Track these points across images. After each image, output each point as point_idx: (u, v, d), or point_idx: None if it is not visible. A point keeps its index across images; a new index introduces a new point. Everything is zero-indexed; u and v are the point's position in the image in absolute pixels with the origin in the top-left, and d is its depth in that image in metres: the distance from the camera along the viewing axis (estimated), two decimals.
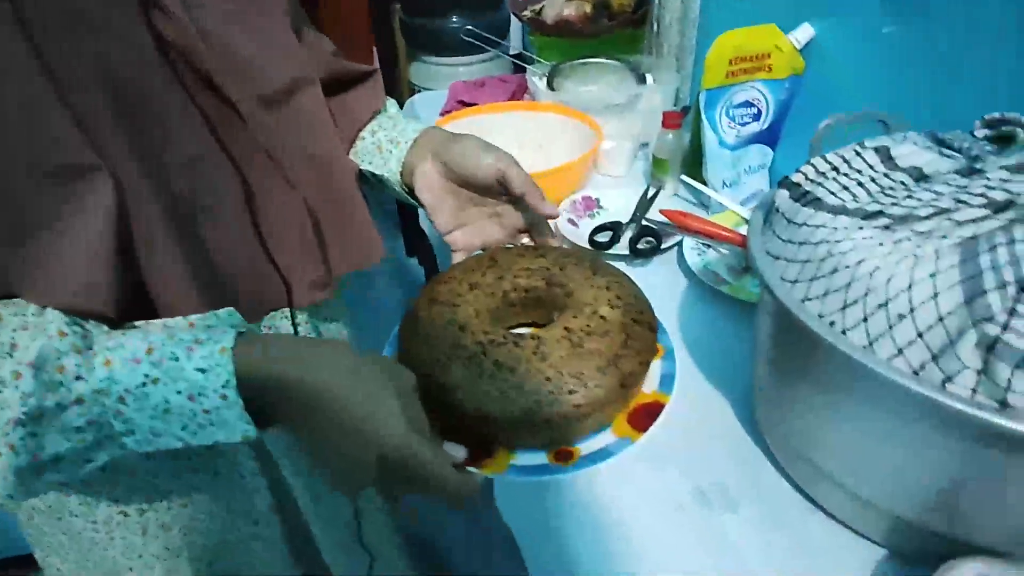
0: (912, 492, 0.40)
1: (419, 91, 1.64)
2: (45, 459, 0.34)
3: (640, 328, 0.48)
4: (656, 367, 0.51)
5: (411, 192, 0.60)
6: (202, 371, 0.36)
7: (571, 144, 0.98)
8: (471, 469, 0.43)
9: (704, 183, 0.88)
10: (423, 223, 1.08)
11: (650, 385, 0.50)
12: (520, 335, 0.46)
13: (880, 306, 0.35)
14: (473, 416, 0.43)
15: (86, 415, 0.35)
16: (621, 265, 0.80)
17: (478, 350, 0.45)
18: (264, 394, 0.37)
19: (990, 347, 0.31)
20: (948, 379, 0.32)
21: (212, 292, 0.45)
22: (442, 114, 1.21)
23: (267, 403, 0.38)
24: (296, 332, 0.55)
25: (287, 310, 0.53)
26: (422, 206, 0.60)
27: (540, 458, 0.45)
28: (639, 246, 0.78)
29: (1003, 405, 0.31)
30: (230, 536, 0.57)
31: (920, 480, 0.38)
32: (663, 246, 0.79)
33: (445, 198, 0.59)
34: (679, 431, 0.52)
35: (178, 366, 0.36)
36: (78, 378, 0.34)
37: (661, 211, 0.81)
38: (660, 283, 0.76)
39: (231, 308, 0.44)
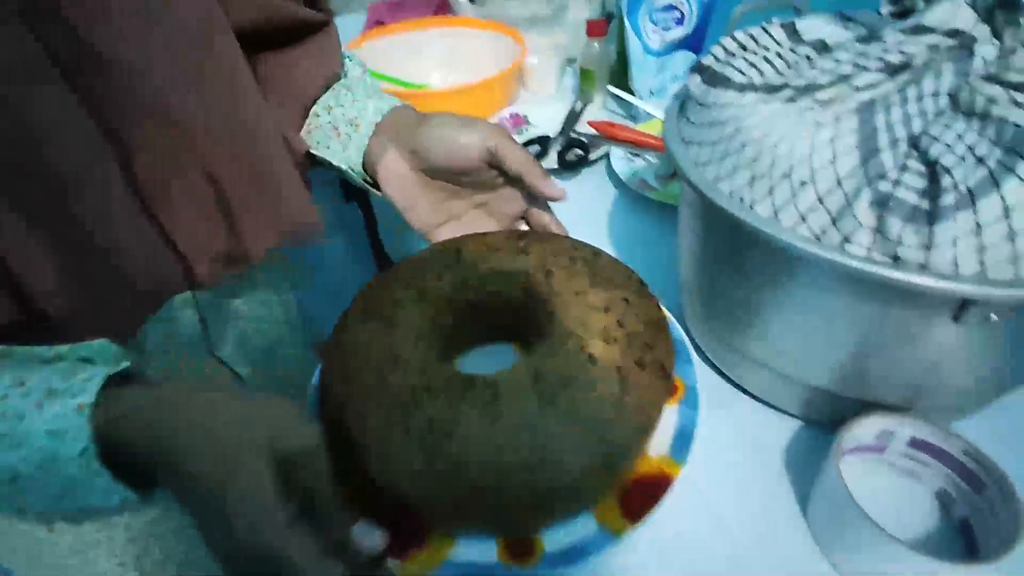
0: (821, 359, 0.42)
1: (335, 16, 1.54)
2: None
3: (647, 375, 0.33)
4: (670, 416, 0.36)
5: (377, 185, 0.50)
6: (53, 434, 0.29)
7: (496, 60, 0.94)
8: (391, 563, 0.31)
9: (631, 93, 0.87)
10: None
11: (657, 444, 0.35)
12: (470, 379, 0.33)
13: (784, 176, 0.35)
14: (391, 495, 0.32)
15: None
16: None
17: (407, 398, 0.32)
18: (135, 455, 0.31)
19: (883, 204, 0.32)
20: (846, 240, 0.33)
21: (96, 276, 0.38)
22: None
23: (141, 463, 0.31)
24: (201, 319, 0.47)
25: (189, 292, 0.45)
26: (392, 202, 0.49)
27: (488, 551, 0.32)
28: (567, 158, 0.77)
29: (895, 260, 0.32)
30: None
31: (828, 346, 0.40)
32: (591, 157, 0.78)
33: (419, 194, 0.48)
34: None
35: (24, 427, 0.29)
36: None
37: (589, 123, 0.80)
38: (590, 194, 0.76)
39: (104, 340, 0.35)
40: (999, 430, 0.45)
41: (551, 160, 0.78)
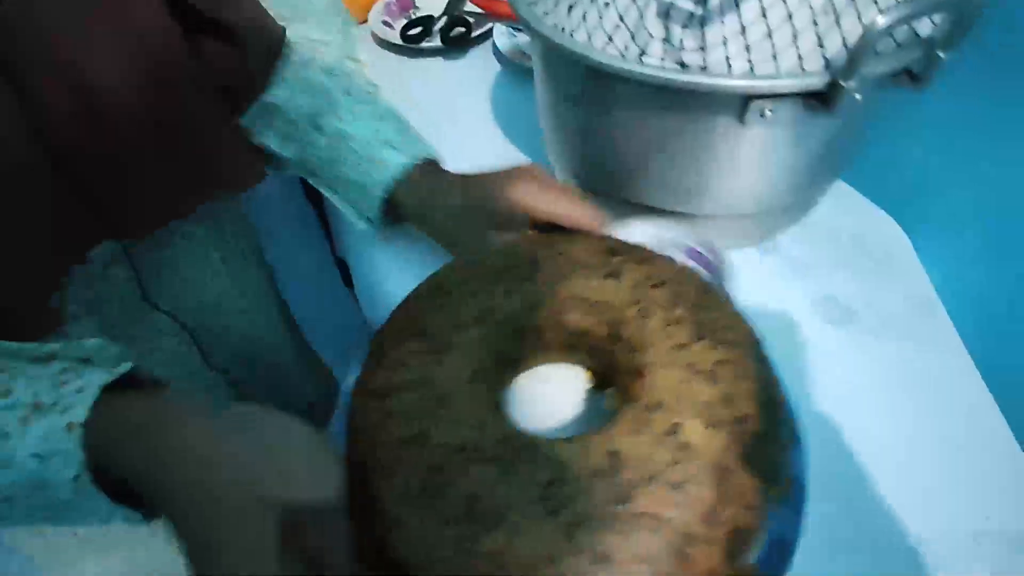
0: (652, 177, 0.47)
1: None
2: None
3: (753, 479, 0.25)
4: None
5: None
6: (40, 458, 0.26)
7: None
8: None
9: None
10: None
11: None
12: (530, 446, 0.26)
13: (592, 1, 0.39)
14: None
15: None
16: (436, 60, 0.81)
17: (447, 461, 0.26)
18: (134, 483, 0.28)
19: (666, 14, 0.36)
20: (643, 53, 0.37)
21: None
22: None
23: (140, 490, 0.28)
24: (134, 272, 0.46)
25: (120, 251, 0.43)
26: None
27: None
28: (451, 35, 0.78)
29: (682, 66, 0.37)
30: None
31: (652, 162, 0.46)
32: (474, 34, 0.79)
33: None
34: None
35: (9, 448, 0.27)
36: None
37: (471, 0, 0.81)
38: (475, 74, 0.78)
39: (101, 340, 0.31)
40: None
41: (435, 40, 0.79)
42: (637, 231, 0.44)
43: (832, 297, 0.50)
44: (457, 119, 0.71)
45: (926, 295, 0.49)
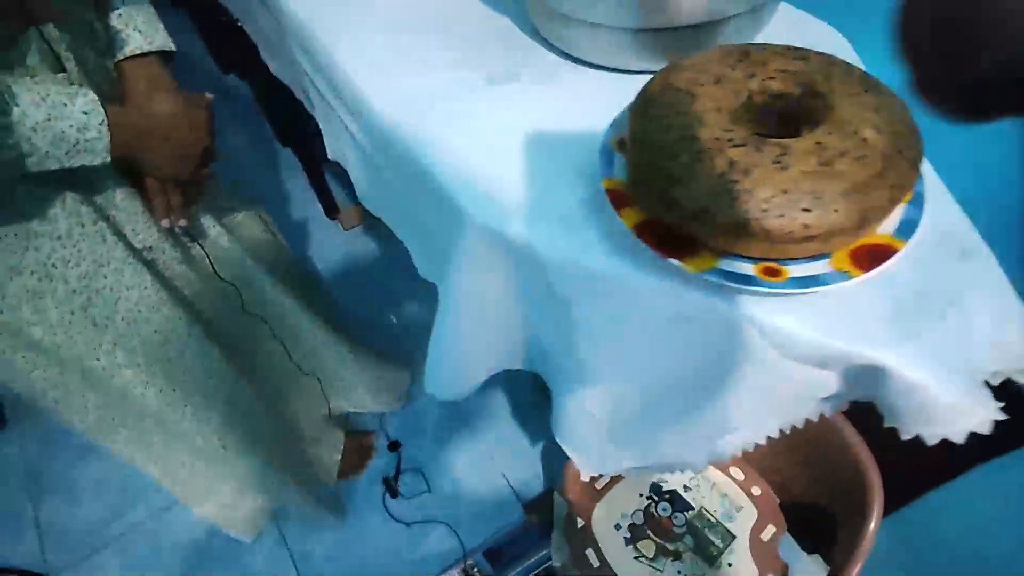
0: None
1: None
2: None
3: (903, 162, 0.40)
4: (898, 211, 0.43)
5: None
6: (86, 113, 0.55)
7: None
8: (673, 261, 0.42)
9: None
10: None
11: (886, 227, 0.43)
12: (763, 139, 0.41)
13: None
14: (690, 212, 0.40)
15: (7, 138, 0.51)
16: None
17: (713, 146, 0.41)
18: (121, 132, 0.58)
19: None
20: None
21: None
22: None
23: (120, 141, 0.59)
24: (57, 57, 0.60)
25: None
26: None
27: (747, 268, 0.42)
28: None
29: None
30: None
31: None
32: None
33: None
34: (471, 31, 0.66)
35: (68, 109, 0.54)
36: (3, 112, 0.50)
37: None
38: None
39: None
40: None
41: None
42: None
43: None
44: None
45: None
